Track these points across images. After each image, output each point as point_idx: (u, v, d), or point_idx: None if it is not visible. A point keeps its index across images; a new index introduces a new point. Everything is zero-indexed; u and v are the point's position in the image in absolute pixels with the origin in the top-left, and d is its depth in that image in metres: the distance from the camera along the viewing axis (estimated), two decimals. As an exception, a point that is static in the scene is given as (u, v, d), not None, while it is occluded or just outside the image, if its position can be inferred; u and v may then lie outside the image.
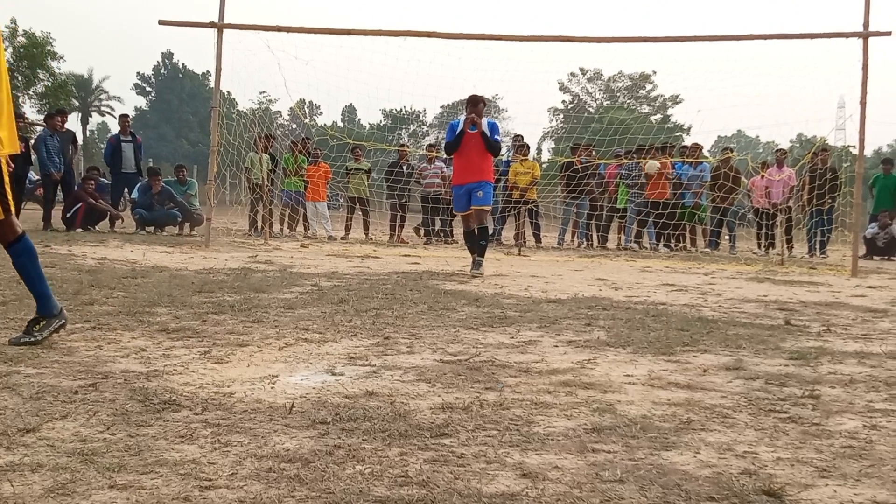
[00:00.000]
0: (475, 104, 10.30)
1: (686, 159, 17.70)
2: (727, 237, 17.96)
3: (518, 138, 19.17)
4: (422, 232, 18.23)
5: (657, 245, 17.33)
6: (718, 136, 58.31)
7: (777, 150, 18.96)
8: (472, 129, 10.10)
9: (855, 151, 13.91)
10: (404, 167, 18.11)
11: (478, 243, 10.21)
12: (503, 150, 16.31)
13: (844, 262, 13.69)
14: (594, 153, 18.30)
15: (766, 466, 2.79)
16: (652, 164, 16.89)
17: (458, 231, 18.02)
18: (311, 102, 75.48)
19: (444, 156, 19.81)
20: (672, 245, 17.34)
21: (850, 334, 5.85)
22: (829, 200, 16.58)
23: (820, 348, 5.17)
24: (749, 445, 3.02)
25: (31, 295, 4.72)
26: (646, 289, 8.71)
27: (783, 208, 16.87)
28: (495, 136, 10.14)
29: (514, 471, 2.68)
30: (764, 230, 17.56)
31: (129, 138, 17.11)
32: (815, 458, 2.90)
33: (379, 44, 14.18)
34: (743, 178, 17.67)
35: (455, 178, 10.60)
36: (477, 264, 9.98)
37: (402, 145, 19.97)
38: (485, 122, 10.16)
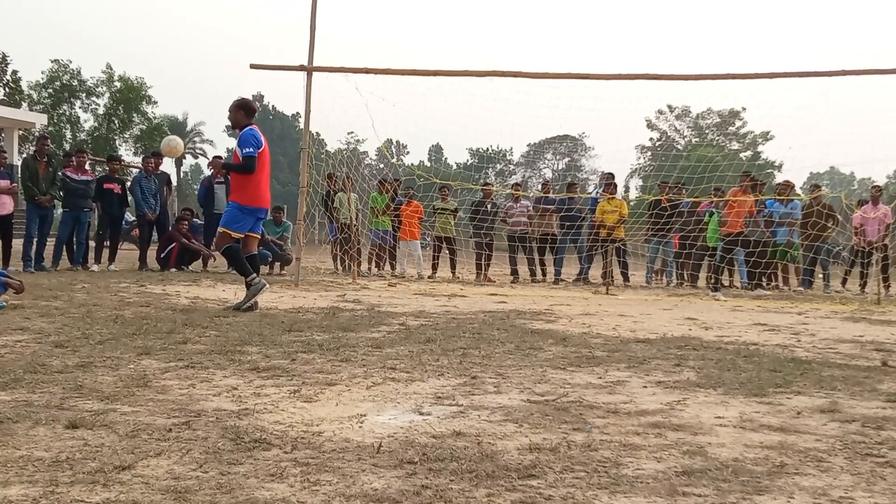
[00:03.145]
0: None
1: (777, 197, 17.43)
2: (821, 276, 17.59)
3: (608, 176, 19.07)
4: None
5: (749, 284, 17.04)
6: (811, 173, 57.24)
7: (872, 187, 18.56)
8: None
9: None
10: (489, 205, 18.15)
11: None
12: (590, 188, 16.08)
13: (944, 300, 13.29)
14: (683, 192, 18.13)
15: (864, 513, 2.71)
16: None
17: (550, 270, 18.08)
18: (398, 142, 76.46)
19: (530, 194, 19.83)
20: (764, 284, 17.01)
21: (951, 376, 5.67)
22: (927, 238, 16.15)
23: (919, 390, 5.02)
24: (845, 490, 2.95)
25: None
26: (737, 328, 8.56)
27: (879, 246, 16.47)
28: (244, 150, 9.00)
29: (603, 514, 2.65)
30: (859, 268, 17.17)
31: (222, 180, 17.48)
32: (914, 504, 2.81)
33: (466, 84, 14.31)
34: (838, 216, 17.30)
35: None
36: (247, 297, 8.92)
37: (487, 184, 20.02)
38: (243, 134, 9.13)
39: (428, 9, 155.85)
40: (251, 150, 9.01)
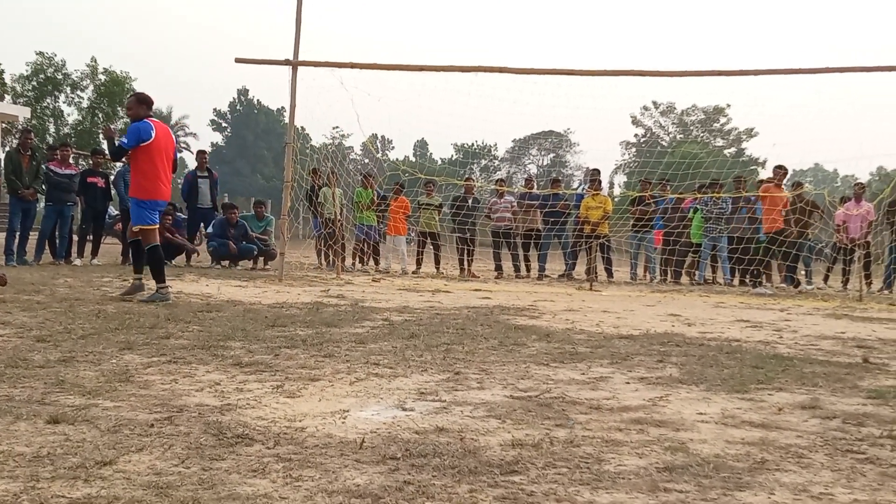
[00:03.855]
0: None
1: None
2: (803, 272, 17.66)
3: (594, 173, 19.09)
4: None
5: (731, 280, 17.10)
6: (794, 170, 57.57)
7: (855, 184, 18.64)
8: None
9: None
10: (469, 200, 18.13)
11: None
12: (575, 185, 15.98)
13: (926, 298, 13.37)
14: (668, 188, 18.17)
15: (843, 509, 2.73)
16: None
17: (534, 266, 18.10)
18: (383, 137, 76.39)
19: (515, 190, 19.77)
20: (802, 280, 16.93)
21: (931, 373, 5.71)
22: (910, 235, 16.20)
23: (900, 387, 5.06)
24: (825, 487, 2.96)
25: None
26: (719, 325, 8.59)
27: (861, 243, 16.55)
28: (121, 140, 9.31)
29: (585, 510, 2.66)
30: (841, 265, 17.25)
31: (206, 174, 17.45)
32: (893, 500, 2.83)
33: (451, 79, 14.32)
34: (821, 213, 17.36)
35: None
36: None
37: (468, 178, 19.97)
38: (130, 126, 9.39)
39: (415, 5, 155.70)
40: (125, 140, 9.17)
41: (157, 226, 9.41)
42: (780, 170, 15.76)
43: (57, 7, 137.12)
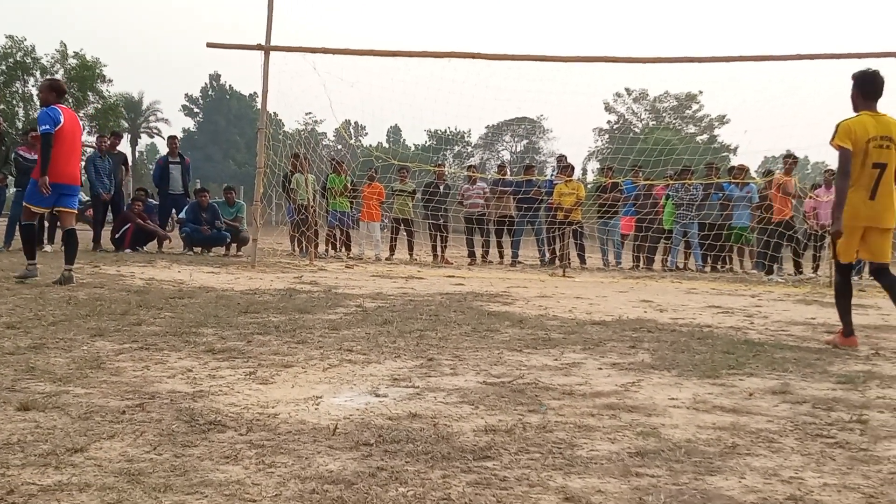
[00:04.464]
0: None
1: (732, 180, 17.55)
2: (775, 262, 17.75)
3: (562, 159, 19.10)
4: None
5: (703, 266, 17.17)
6: (765, 157, 57.85)
7: (826, 171, 18.74)
8: None
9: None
10: (441, 187, 18.09)
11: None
12: (547, 171, 15.95)
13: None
14: (640, 174, 18.23)
15: (813, 492, 2.75)
16: None
17: (507, 252, 18.10)
18: (356, 123, 76.01)
19: (487, 176, 19.74)
20: (776, 269, 16.97)
21: (899, 358, 5.76)
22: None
23: (868, 372, 5.11)
24: (795, 471, 2.99)
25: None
26: (691, 311, 8.64)
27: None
28: (41, 128, 9.27)
29: (557, 494, 2.67)
30: (811, 252, 17.35)
31: (178, 160, 17.32)
32: (862, 484, 2.86)
33: (424, 65, 14.31)
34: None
35: None
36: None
37: (439, 165, 19.86)
38: (40, 113, 9.47)
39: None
40: (46, 127, 9.18)
41: (46, 210, 9.72)
42: (791, 159, 15.80)
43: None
